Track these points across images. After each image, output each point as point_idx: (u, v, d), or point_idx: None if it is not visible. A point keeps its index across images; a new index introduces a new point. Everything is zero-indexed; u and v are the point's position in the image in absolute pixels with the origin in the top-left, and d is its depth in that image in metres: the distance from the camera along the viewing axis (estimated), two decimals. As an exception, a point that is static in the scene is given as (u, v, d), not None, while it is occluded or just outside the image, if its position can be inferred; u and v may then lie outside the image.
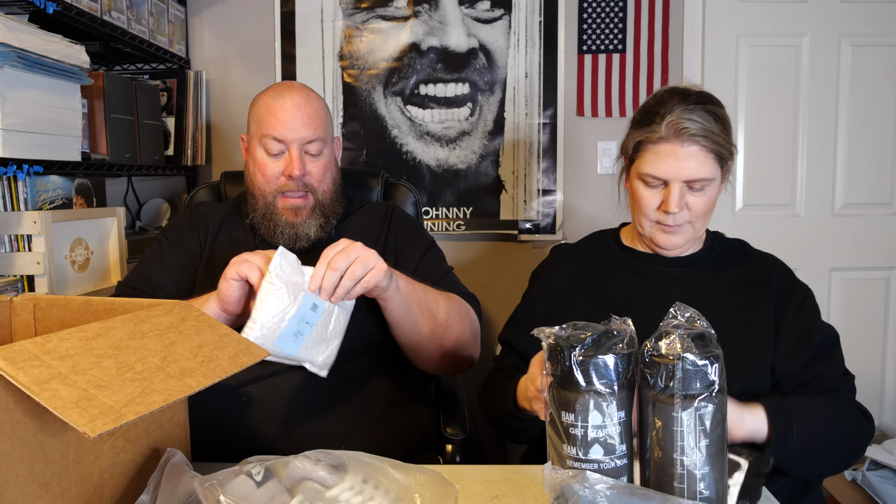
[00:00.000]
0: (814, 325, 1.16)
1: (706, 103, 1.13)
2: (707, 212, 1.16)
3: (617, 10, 2.28)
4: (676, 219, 1.14)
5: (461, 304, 1.29)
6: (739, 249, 1.26)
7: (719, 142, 1.11)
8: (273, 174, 1.28)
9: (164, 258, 1.33)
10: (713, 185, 1.14)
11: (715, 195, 1.16)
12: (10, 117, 1.33)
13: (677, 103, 1.12)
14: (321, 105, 1.31)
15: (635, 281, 1.22)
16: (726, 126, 1.14)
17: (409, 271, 1.27)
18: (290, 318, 0.99)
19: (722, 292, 1.19)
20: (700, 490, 0.72)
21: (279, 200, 1.27)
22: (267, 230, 1.29)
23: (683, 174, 1.11)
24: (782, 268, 1.23)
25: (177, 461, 0.74)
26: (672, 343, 0.72)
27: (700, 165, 1.10)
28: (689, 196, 1.13)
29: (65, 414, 0.58)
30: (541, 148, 2.32)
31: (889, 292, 2.39)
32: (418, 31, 2.30)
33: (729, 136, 1.14)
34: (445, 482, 0.75)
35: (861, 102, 2.33)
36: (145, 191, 2.38)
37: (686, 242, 1.20)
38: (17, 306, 0.94)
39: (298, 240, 1.28)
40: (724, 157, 1.13)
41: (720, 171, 1.15)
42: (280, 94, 1.28)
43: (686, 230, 1.17)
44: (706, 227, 1.22)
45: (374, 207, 1.44)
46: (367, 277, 1.03)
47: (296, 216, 1.28)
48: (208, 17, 2.35)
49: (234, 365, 0.79)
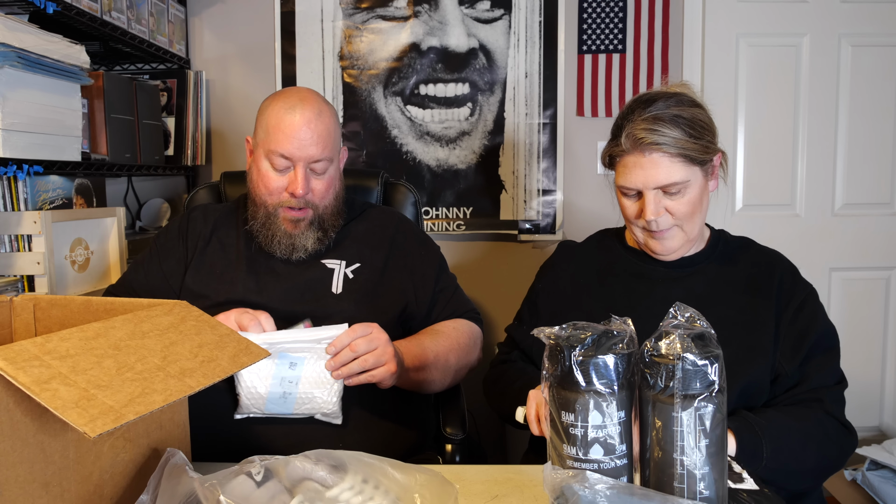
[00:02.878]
0: (812, 326, 1.15)
1: (674, 106, 1.12)
2: (692, 213, 1.15)
3: (617, 10, 2.28)
4: (659, 224, 1.15)
5: (467, 336, 1.35)
6: (743, 248, 1.25)
7: (683, 145, 1.10)
8: (276, 188, 1.27)
9: (147, 266, 1.35)
10: (692, 187, 1.13)
11: (698, 195, 1.15)
12: (10, 117, 1.33)
13: (638, 114, 1.13)
14: (332, 121, 1.29)
15: (638, 282, 1.22)
16: (696, 125, 1.12)
17: (430, 291, 1.35)
18: (270, 387, 1.05)
19: (724, 292, 1.19)
20: (700, 490, 0.72)
21: (280, 212, 1.28)
22: (265, 239, 1.29)
23: (652, 182, 1.12)
24: (786, 266, 1.22)
25: (177, 461, 0.74)
26: (672, 343, 0.72)
27: (667, 171, 1.11)
28: (668, 201, 1.14)
29: (65, 414, 0.58)
30: (541, 148, 2.32)
31: (889, 292, 2.39)
32: (418, 31, 2.30)
33: (699, 134, 1.12)
34: (445, 482, 0.75)
35: (861, 102, 2.33)
36: (145, 191, 2.38)
37: (682, 245, 1.19)
38: (17, 306, 0.94)
39: (295, 251, 1.29)
40: (695, 157, 1.11)
41: (697, 170, 1.13)
42: (292, 107, 1.25)
43: (676, 234, 1.17)
44: (701, 226, 1.20)
45: (376, 214, 1.44)
46: (375, 371, 1.09)
47: (294, 228, 1.28)
48: (208, 17, 2.35)
49: (234, 365, 0.79)
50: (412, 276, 1.36)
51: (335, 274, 1.29)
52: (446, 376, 1.29)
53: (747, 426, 1.02)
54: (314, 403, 1.08)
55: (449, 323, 1.36)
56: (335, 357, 1.06)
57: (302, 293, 1.26)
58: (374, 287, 1.30)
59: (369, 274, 1.31)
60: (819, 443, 1.07)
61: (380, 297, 1.30)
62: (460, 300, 1.42)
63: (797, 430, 1.05)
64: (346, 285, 1.28)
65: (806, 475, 1.07)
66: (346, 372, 1.07)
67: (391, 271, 1.34)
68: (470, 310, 1.42)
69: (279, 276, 1.29)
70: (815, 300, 1.19)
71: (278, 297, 1.25)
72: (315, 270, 1.30)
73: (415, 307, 1.35)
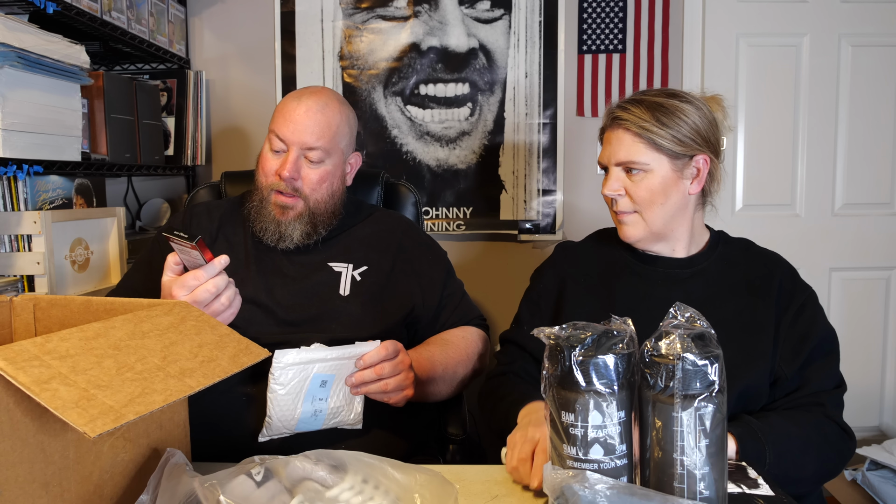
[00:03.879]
0: (812, 329, 1.15)
1: (662, 96, 1.17)
2: (650, 200, 1.17)
3: (617, 10, 2.28)
4: (618, 204, 1.20)
5: (475, 346, 1.35)
6: (743, 249, 1.25)
7: (648, 127, 1.14)
8: (270, 169, 1.29)
9: (150, 265, 1.34)
10: (654, 174, 1.16)
11: (659, 185, 1.16)
12: (10, 117, 1.33)
13: (630, 97, 1.21)
14: (337, 116, 1.30)
15: (637, 282, 1.22)
16: (672, 115, 1.14)
17: (437, 295, 1.36)
18: (302, 407, 1.04)
19: (723, 293, 1.18)
20: (700, 490, 0.72)
21: (272, 196, 1.29)
22: (256, 223, 1.30)
23: (615, 157, 1.18)
24: (786, 268, 1.22)
25: (177, 461, 0.74)
26: (672, 343, 0.72)
27: (628, 149, 1.16)
28: (628, 181, 1.18)
29: (65, 414, 0.58)
30: (541, 148, 2.32)
31: (889, 292, 2.39)
32: (418, 31, 2.30)
33: (673, 124, 1.14)
34: (445, 482, 0.75)
35: (861, 102, 2.33)
36: (145, 191, 2.38)
37: (645, 236, 1.20)
38: (17, 306, 0.94)
39: (282, 239, 1.29)
40: (661, 144, 1.14)
41: (665, 160, 1.15)
42: (300, 95, 1.30)
43: (636, 222, 1.19)
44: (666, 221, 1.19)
45: (383, 217, 1.44)
46: (392, 395, 1.10)
47: (282, 214, 1.29)
48: (208, 17, 2.35)
49: (234, 365, 0.79)
50: (419, 279, 1.36)
51: (343, 276, 1.30)
52: (452, 388, 1.30)
53: (750, 432, 1.02)
54: (341, 416, 1.10)
55: (458, 332, 1.36)
56: (358, 375, 1.07)
57: (310, 295, 1.26)
58: (381, 290, 1.30)
59: (376, 277, 1.31)
60: (819, 448, 1.06)
61: (386, 300, 1.30)
62: (468, 306, 1.42)
63: (798, 436, 1.05)
64: (353, 288, 1.28)
65: (806, 481, 1.07)
66: (365, 391, 1.08)
67: (398, 275, 1.34)
68: (477, 316, 1.42)
69: (287, 277, 1.29)
70: (814, 303, 1.19)
71: (286, 299, 1.25)
72: (322, 273, 1.30)
73: (421, 310, 1.35)
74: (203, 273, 1.02)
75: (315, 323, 1.24)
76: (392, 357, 1.08)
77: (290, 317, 1.24)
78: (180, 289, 1.03)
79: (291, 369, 1.01)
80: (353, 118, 1.38)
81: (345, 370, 1.07)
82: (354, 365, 1.07)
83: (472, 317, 1.41)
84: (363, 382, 1.07)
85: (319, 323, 1.24)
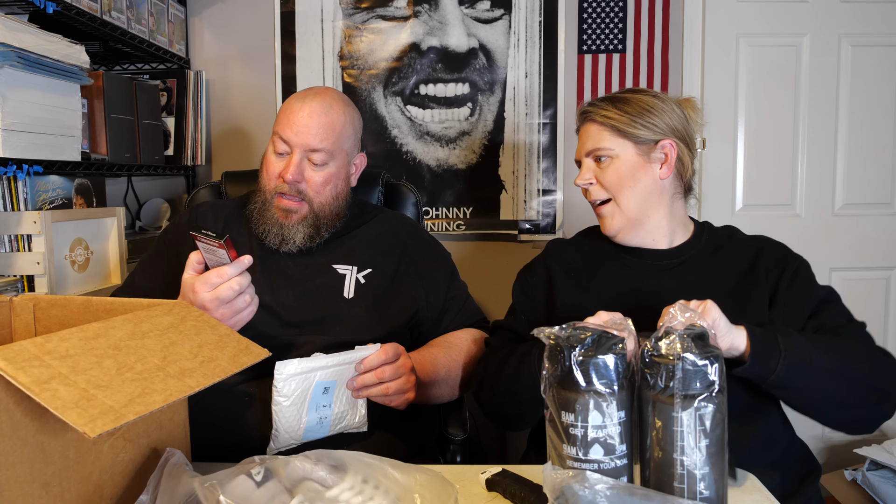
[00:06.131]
0: (810, 290, 1.16)
1: (627, 93, 1.24)
2: (620, 184, 1.20)
3: (617, 11, 2.28)
4: (592, 194, 1.25)
5: (479, 349, 1.33)
6: (728, 235, 1.27)
7: (609, 115, 1.20)
8: (273, 172, 1.28)
9: (154, 265, 1.34)
10: (619, 160, 1.20)
11: (627, 169, 1.20)
12: (10, 117, 1.33)
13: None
14: (341, 118, 1.30)
15: (626, 274, 1.23)
16: (631, 103, 1.20)
17: (441, 297, 1.36)
18: (307, 416, 1.04)
19: (714, 279, 1.19)
20: (700, 490, 0.72)
21: (276, 199, 1.28)
22: (259, 226, 1.30)
23: (584, 149, 1.25)
24: (773, 244, 1.24)
25: (177, 461, 0.74)
26: (672, 343, 0.72)
27: (594, 138, 1.23)
28: (597, 170, 1.23)
29: (65, 414, 0.58)
30: (541, 148, 2.32)
31: (889, 292, 2.39)
32: (418, 31, 2.30)
33: (634, 111, 1.19)
34: (445, 482, 0.75)
35: (861, 102, 2.33)
36: (145, 191, 2.38)
37: (623, 225, 1.22)
38: (17, 306, 0.94)
39: (284, 242, 1.28)
40: (623, 129, 1.19)
41: (629, 145, 1.20)
42: (304, 97, 1.29)
43: (613, 211, 1.23)
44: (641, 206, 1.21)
45: (387, 219, 1.43)
46: (394, 398, 1.10)
47: (286, 218, 1.28)
48: (208, 17, 2.35)
49: (234, 365, 0.79)
50: (423, 281, 1.36)
51: (347, 279, 1.29)
52: (455, 390, 1.30)
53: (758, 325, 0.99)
54: (346, 421, 1.10)
55: (462, 334, 1.35)
56: (359, 379, 1.07)
57: (314, 297, 1.26)
58: (385, 292, 1.30)
59: (380, 279, 1.31)
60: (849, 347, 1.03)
61: (391, 302, 1.30)
62: (472, 308, 1.42)
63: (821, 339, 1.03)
64: (357, 290, 1.28)
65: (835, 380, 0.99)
66: (367, 394, 1.08)
67: (402, 277, 1.34)
68: (481, 318, 1.42)
69: (291, 279, 1.28)
70: (808, 269, 1.20)
71: (291, 301, 1.25)
72: (327, 275, 1.29)
73: (425, 312, 1.34)
74: (228, 270, 1.03)
75: (319, 325, 1.24)
76: (393, 360, 1.08)
77: (295, 319, 1.23)
78: (203, 285, 1.03)
79: (294, 380, 1.00)
80: (358, 119, 1.37)
81: (346, 375, 1.06)
82: (355, 369, 1.07)
83: (476, 319, 1.40)
84: (364, 386, 1.07)
85: (324, 325, 1.24)
